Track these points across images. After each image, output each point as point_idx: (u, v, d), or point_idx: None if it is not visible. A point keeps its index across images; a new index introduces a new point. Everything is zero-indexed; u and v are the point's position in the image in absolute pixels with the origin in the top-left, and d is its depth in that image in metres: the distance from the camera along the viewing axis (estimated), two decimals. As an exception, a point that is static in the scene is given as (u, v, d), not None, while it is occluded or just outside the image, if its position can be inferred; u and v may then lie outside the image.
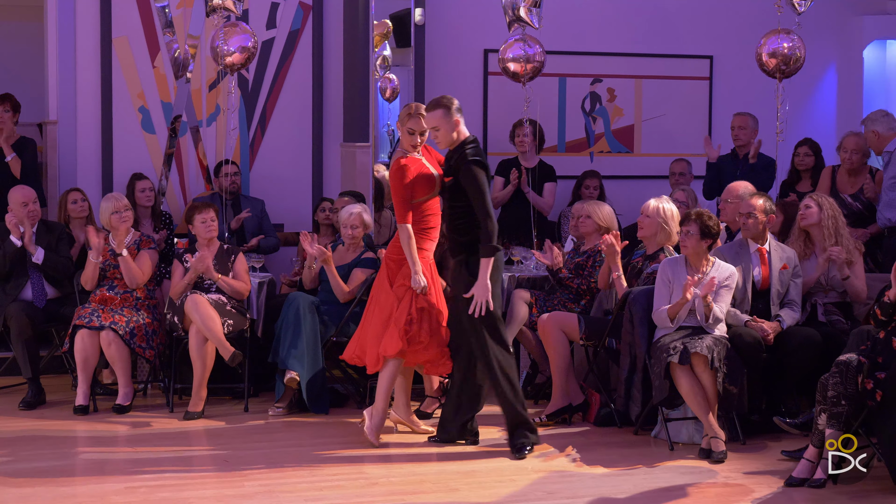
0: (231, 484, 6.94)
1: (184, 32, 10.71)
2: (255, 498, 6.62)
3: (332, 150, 11.06)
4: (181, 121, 10.76)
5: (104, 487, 6.91)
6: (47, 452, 7.72)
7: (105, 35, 10.62)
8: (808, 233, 8.54)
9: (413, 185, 7.60)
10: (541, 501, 6.65)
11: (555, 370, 8.53)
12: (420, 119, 7.53)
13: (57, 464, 7.48)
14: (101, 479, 7.11)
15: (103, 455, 7.78)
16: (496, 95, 11.67)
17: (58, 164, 10.68)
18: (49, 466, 7.36)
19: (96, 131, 10.61)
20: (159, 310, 9.13)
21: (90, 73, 10.63)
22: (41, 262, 9.15)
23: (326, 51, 11.07)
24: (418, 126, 7.58)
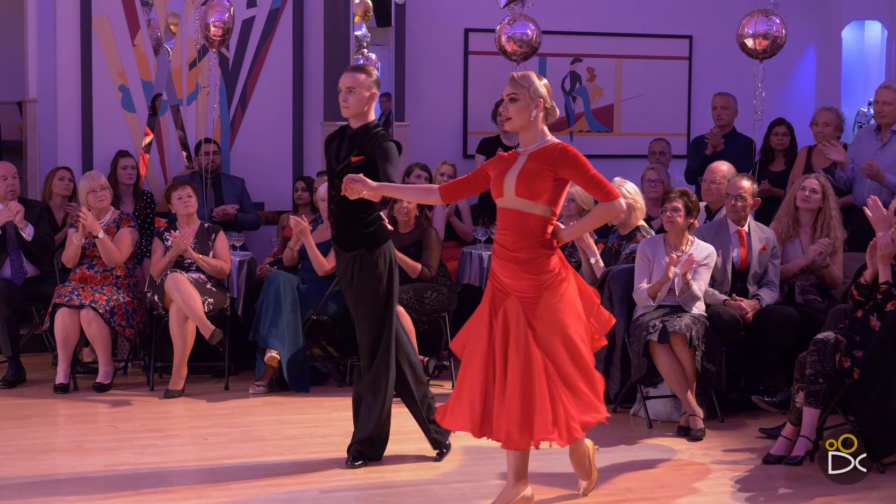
0: (212, 461, 6.94)
1: (164, 10, 10.66)
2: (237, 475, 6.62)
3: (312, 129, 11.03)
4: (161, 99, 10.71)
5: (84, 464, 6.89)
6: (27, 431, 7.70)
7: (85, 13, 10.56)
8: (798, 214, 8.47)
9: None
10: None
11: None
12: (508, 84, 5.89)
13: (37, 442, 7.46)
14: (82, 457, 7.10)
15: (84, 433, 7.77)
16: (476, 75, 11.66)
17: (38, 143, 10.62)
18: (29, 444, 7.34)
19: (76, 110, 10.57)
20: (139, 288, 9.11)
21: (70, 52, 10.58)
22: (31, 240, 9.12)
23: (307, 29, 11.04)
24: (505, 91, 5.92)
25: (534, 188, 5.73)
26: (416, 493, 6.37)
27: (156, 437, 7.56)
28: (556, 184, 5.76)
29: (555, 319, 5.78)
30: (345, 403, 8.35)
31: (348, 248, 6.74)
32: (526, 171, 5.77)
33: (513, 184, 5.78)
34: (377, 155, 6.58)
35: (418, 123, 11.37)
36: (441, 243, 9.16)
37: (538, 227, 5.76)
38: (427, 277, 8.89)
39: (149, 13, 10.64)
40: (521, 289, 5.78)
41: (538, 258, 5.77)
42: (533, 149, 5.82)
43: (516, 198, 5.77)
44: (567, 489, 6.41)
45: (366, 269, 6.71)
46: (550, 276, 5.78)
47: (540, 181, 5.73)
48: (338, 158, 6.75)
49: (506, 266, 5.82)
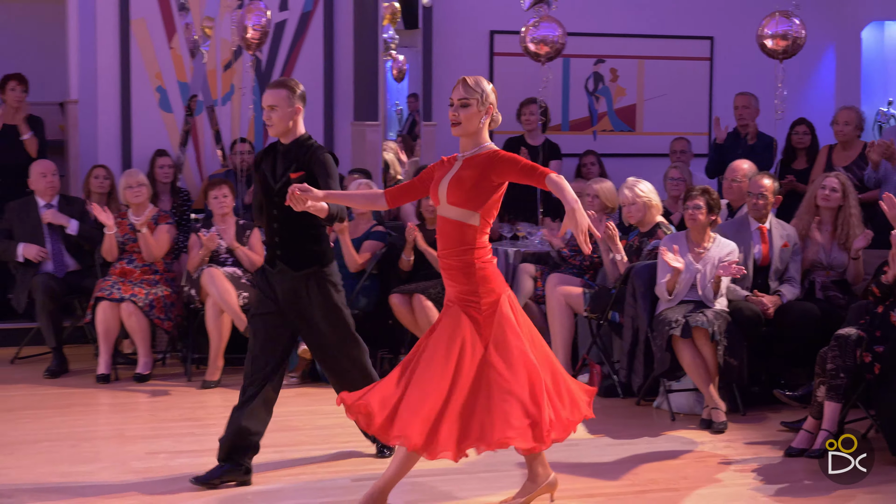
0: (247, 451, 6.93)
1: (199, 14, 10.66)
2: (270, 464, 6.60)
3: (342, 129, 11.01)
4: (197, 100, 10.71)
5: (125, 452, 6.90)
6: (70, 419, 7.72)
7: (124, 17, 10.59)
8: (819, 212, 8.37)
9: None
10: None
11: (559, 343, 8.51)
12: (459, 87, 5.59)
13: (80, 429, 7.48)
14: (123, 444, 7.11)
15: (124, 421, 7.78)
16: (501, 76, 11.61)
17: (79, 142, 10.65)
18: (72, 432, 7.36)
19: (116, 110, 10.59)
20: (177, 283, 9.11)
21: (110, 54, 10.60)
22: (76, 234, 9.15)
23: (337, 32, 11.02)
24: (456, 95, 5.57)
25: (464, 195, 5.45)
26: (444, 481, 6.35)
27: (193, 426, 7.56)
28: (489, 190, 5.46)
29: (456, 335, 5.50)
30: (375, 395, 8.36)
31: (299, 266, 6.26)
32: (458, 177, 5.49)
33: (445, 191, 5.52)
34: (316, 170, 6.17)
35: (445, 123, 11.20)
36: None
37: (468, 234, 5.49)
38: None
39: (185, 17, 10.63)
40: (452, 294, 5.59)
41: (465, 266, 5.50)
42: (469, 155, 5.53)
43: (448, 205, 5.51)
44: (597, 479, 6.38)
45: (323, 287, 6.29)
46: (471, 292, 5.51)
47: (471, 188, 5.44)
48: (274, 177, 6.26)
49: (444, 275, 5.64)
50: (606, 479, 6.43)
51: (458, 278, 5.53)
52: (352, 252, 8.83)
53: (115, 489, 6.19)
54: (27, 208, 9.29)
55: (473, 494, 6.16)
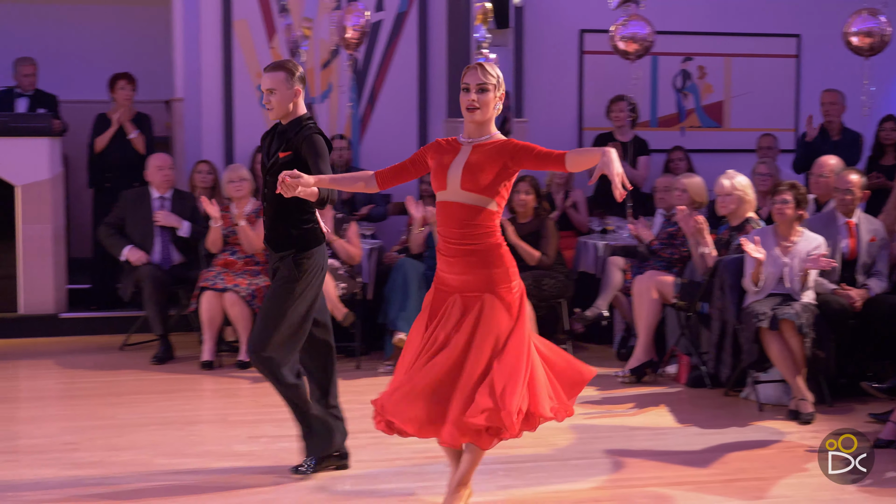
0: (346, 436, 7.00)
1: (298, 15, 10.78)
2: (367, 449, 6.65)
3: (435, 125, 11.07)
4: (297, 98, 10.82)
5: (228, 437, 7.01)
6: (176, 404, 7.86)
7: (226, 18, 10.74)
8: None
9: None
10: (634, 457, 6.62)
11: (642, 327, 8.49)
12: (476, 71, 5.31)
13: (185, 414, 7.61)
14: (226, 429, 7.22)
15: (227, 407, 7.91)
16: (591, 73, 11.60)
17: (184, 139, 10.82)
18: (179, 416, 7.48)
19: (219, 107, 10.75)
20: (276, 274, 9.23)
21: (213, 54, 10.76)
22: (188, 236, 9.34)
23: (431, 32, 11.09)
24: (473, 79, 5.28)
25: (481, 182, 5.24)
26: (535, 468, 6.38)
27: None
28: (505, 177, 5.29)
29: (495, 321, 5.26)
30: (468, 383, 8.41)
31: (278, 248, 6.06)
32: (472, 163, 5.27)
33: (458, 176, 5.27)
34: (304, 150, 5.94)
35: (536, 120, 11.33)
36: (558, 233, 9.14)
37: (485, 220, 5.29)
38: (545, 265, 8.87)
39: (285, 18, 10.76)
40: (468, 284, 5.30)
41: (489, 250, 5.30)
42: (479, 141, 5.31)
43: (462, 191, 5.26)
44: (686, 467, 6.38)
45: (289, 267, 6.01)
46: (502, 272, 5.31)
47: (487, 175, 5.25)
48: (269, 155, 6.11)
49: (452, 262, 5.32)
50: (695, 467, 6.41)
51: (480, 264, 5.28)
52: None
53: (221, 472, 6.30)
54: (141, 199, 9.48)
55: (565, 481, 6.17)
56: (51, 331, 9.99)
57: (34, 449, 6.67)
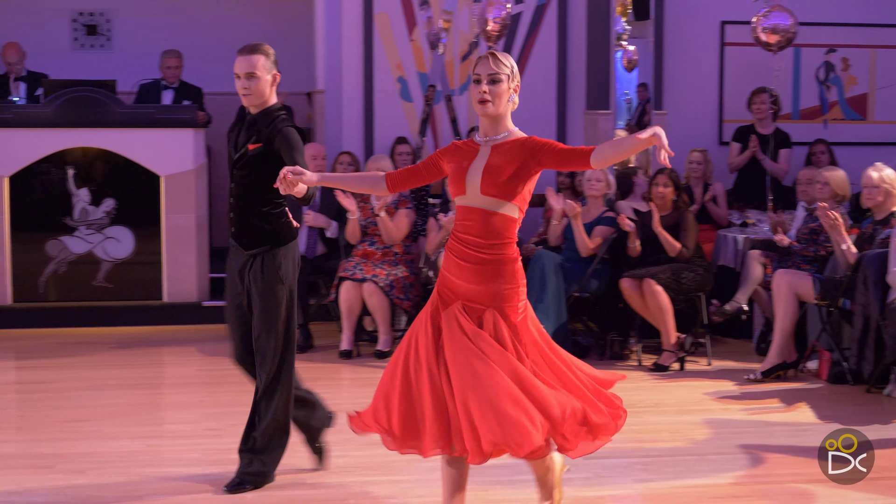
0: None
1: (438, 8, 10.85)
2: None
3: (574, 117, 11.05)
4: (435, 90, 10.90)
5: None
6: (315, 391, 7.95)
7: (367, 11, 10.85)
8: None
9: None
10: (774, 453, 6.53)
11: (778, 329, 8.36)
12: (488, 61, 4.85)
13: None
14: (365, 418, 7.29)
15: (366, 396, 7.96)
16: (732, 65, 11.45)
17: (325, 130, 10.98)
18: (318, 405, 7.59)
19: (359, 99, 10.87)
20: (416, 264, 9.30)
21: (354, 47, 10.88)
22: (335, 237, 9.50)
23: (570, 24, 11.06)
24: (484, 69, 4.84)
25: (502, 186, 4.81)
26: (674, 462, 6.34)
27: (431, 402, 7.71)
28: (525, 179, 4.83)
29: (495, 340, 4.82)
30: (605, 376, 8.39)
31: (248, 245, 5.69)
32: (493, 166, 4.82)
33: (477, 180, 4.84)
34: (278, 143, 5.55)
35: (675, 112, 11.24)
36: (697, 226, 9.06)
37: (505, 227, 4.86)
38: (684, 257, 8.80)
39: (425, 11, 10.84)
40: (474, 294, 4.85)
41: (504, 263, 4.85)
42: (497, 140, 4.87)
43: (481, 196, 4.82)
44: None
45: (267, 270, 5.66)
46: (511, 290, 4.86)
47: (509, 178, 4.80)
48: (236, 147, 5.71)
49: (463, 267, 4.87)
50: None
51: (491, 276, 4.84)
52: (583, 236, 8.88)
53: (360, 458, 6.39)
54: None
55: (702, 476, 6.12)
56: (194, 318, 10.22)
57: (178, 434, 6.83)
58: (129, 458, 6.32)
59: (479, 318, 4.84)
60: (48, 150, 10.04)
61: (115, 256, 10.29)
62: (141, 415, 7.34)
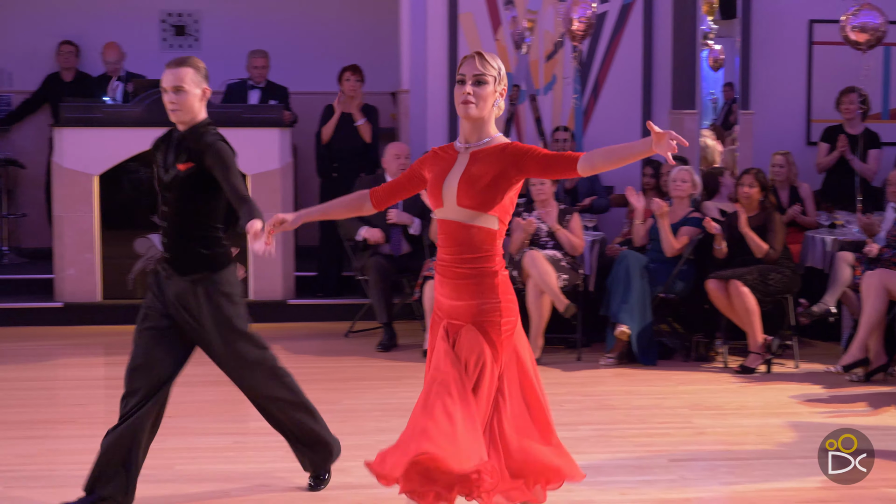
0: (566, 427, 6.98)
1: (523, 7, 10.82)
2: (589, 441, 6.66)
3: (660, 117, 10.94)
4: (520, 90, 10.88)
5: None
6: (400, 391, 7.98)
7: (452, 11, 10.84)
8: None
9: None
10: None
11: (863, 322, 8.21)
12: (474, 61, 4.56)
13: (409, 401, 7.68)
14: (449, 417, 7.29)
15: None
16: (820, 64, 11.28)
17: (409, 129, 11.00)
18: (402, 403, 7.56)
19: (443, 99, 10.85)
20: (500, 264, 9.28)
21: (438, 47, 10.88)
22: (418, 234, 9.55)
23: (656, 23, 10.97)
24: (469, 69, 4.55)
25: (478, 195, 4.48)
26: (762, 465, 6.26)
27: (514, 402, 7.70)
28: (506, 188, 4.50)
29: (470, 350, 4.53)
30: (691, 377, 8.35)
31: (184, 271, 5.34)
32: (470, 175, 4.50)
33: (454, 191, 4.53)
34: (209, 161, 5.21)
35: (763, 112, 11.10)
36: (784, 227, 8.95)
37: (484, 240, 4.52)
38: (771, 259, 8.69)
39: (510, 10, 10.81)
40: (455, 311, 4.57)
41: (483, 277, 4.52)
42: (477, 147, 4.56)
43: (458, 208, 4.52)
44: None
45: (212, 296, 5.33)
46: (492, 305, 4.53)
47: (486, 186, 4.48)
48: (165, 167, 5.36)
49: (445, 283, 4.60)
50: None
51: (470, 291, 4.53)
52: (670, 237, 8.82)
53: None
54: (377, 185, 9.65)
55: (790, 479, 6.04)
56: (279, 316, 10.28)
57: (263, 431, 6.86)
58: (216, 454, 6.39)
59: (457, 335, 4.55)
60: (137, 150, 10.16)
61: (201, 255, 10.37)
62: (225, 412, 7.40)
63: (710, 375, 8.45)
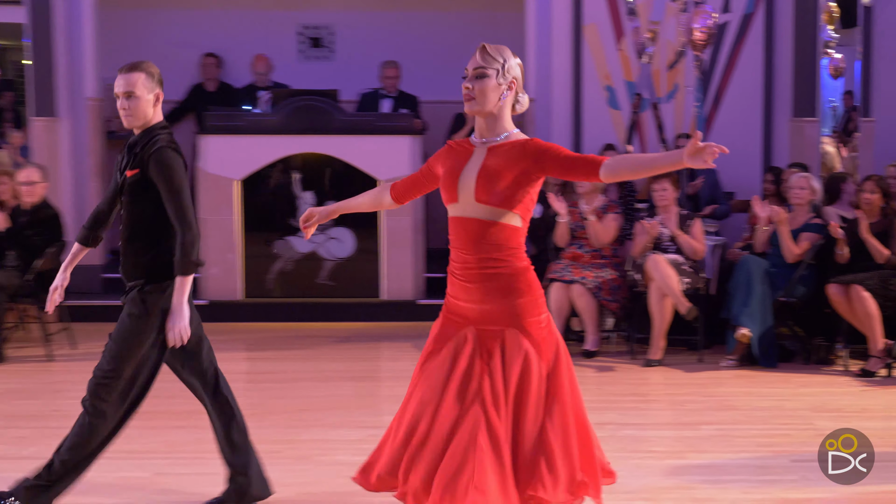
0: (688, 427, 6.86)
1: (646, 18, 10.66)
2: (711, 440, 6.52)
3: (780, 125, 10.71)
4: (642, 98, 10.71)
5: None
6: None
7: (576, 22, 10.75)
8: None
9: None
10: None
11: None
12: (476, 55, 4.28)
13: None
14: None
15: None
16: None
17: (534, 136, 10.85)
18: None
19: (568, 108, 10.78)
20: (623, 267, 9.14)
21: (563, 57, 10.80)
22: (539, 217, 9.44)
23: (777, 32, 10.72)
24: (471, 64, 4.27)
25: (500, 193, 4.18)
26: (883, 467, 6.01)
27: (637, 401, 7.61)
28: (527, 184, 4.20)
29: (529, 367, 4.20)
30: (812, 380, 8.15)
31: (128, 277, 5.04)
32: (489, 170, 4.20)
33: (471, 186, 4.22)
34: (152, 170, 4.88)
35: (884, 119, 10.79)
36: (906, 232, 8.66)
37: (508, 237, 4.21)
38: (892, 264, 8.41)
39: (633, 21, 10.66)
40: (488, 316, 4.24)
41: (514, 275, 4.21)
42: (495, 142, 4.25)
43: (476, 204, 4.20)
44: None
45: (135, 301, 4.97)
46: (529, 302, 4.23)
47: (508, 185, 4.18)
48: (120, 171, 5.06)
49: (470, 289, 4.26)
50: None
51: (502, 290, 4.21)
52: (790, 243, 8.59)
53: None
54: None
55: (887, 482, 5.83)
56: (409, 316, 10.27)
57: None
58: (351, 447, 6.37)
59: (500, 342, 4.21)
60: (276, 156, 10.25)
61: (337, 256, 10.43)
62: (360, 406, 7.41)
63: (830, 378, 8.21)
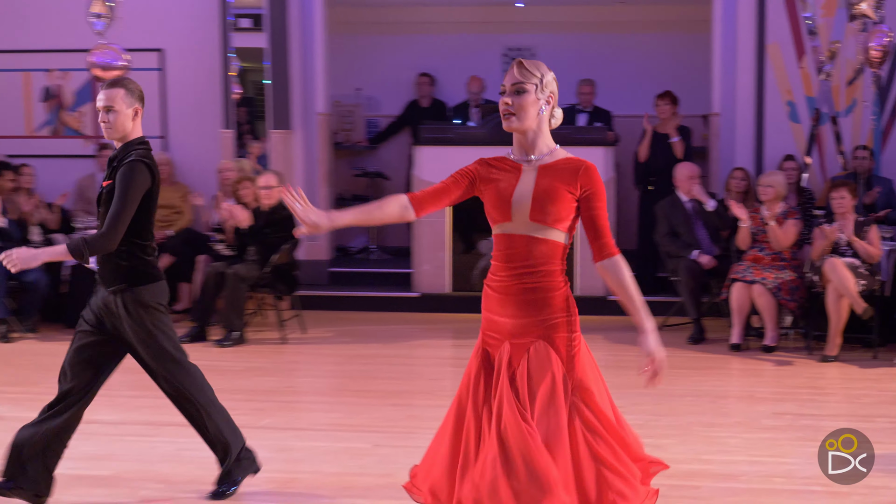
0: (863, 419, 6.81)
1: (826, 37, 10.61)
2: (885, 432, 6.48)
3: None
4: (821, 112, 10.67)
5: (756, 411, 7.07)
6: (707, 379, 8.03)
7: (760, 41, 10.77)
8: None
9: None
10: None
11: None
12: (513, 70, 4.04)
13: (716, 389, 7.77)
14: (752, 404, 7.28)
15: (753, 385, 7.96)
16: None
17: (719, 149, 10.98)
18: (710, 390, 7.64)
19: (751, 121, 10.80)
20: (801, 269, 9.17)
21: (747, 73, 10.82)
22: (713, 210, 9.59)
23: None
24: (509, 79, 4.04)
25: (554, 212, 3.96)
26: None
27: (814, 393, 7.63)
28: (573, 203, 3.98)
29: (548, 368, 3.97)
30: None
31: (108, 282, 5.00)
32: (544, 190, 3.97)
33: (526, 206, 3.98)
34: (117, 177, 4.86)
35: None
36: None
37: (554, 253, 3.99)
38: None
39: (813, 40, 10.63)
40: (521, 329, 4.01)
41: (552, 291, 3.99)
42: (546, 161, 4.03)
43: (531, 222, 3.97)
44: None
45: (132, 308, 4.97)
46: (563, 320, 4.00)
47: (561, 203, 3.96)
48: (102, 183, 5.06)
49: (507, 302, 4.04)
50: None
51: (538, 305, 3.99)
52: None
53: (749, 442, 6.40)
54: (674, 203, 9.74)
55: None
56: (601, 310, 10.43)
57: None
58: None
59: (527, 353, 4.00)
60: (482, 165, 10.59)
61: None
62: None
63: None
